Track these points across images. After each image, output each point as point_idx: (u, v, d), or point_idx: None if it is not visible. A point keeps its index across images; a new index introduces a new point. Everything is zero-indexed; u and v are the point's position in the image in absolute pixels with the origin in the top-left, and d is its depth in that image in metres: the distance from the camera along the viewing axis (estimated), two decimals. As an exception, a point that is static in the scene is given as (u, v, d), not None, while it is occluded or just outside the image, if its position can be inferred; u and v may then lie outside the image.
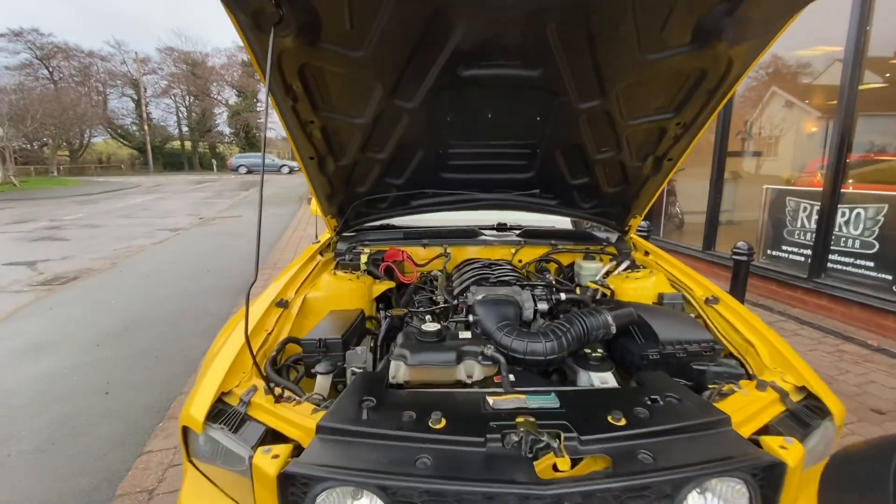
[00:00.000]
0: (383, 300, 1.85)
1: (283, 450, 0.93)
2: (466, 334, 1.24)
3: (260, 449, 0.94)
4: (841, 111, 3.95)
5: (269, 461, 0.90)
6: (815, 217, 4.56)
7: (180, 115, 37.00)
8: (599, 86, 1.48)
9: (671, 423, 0.97)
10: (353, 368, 1.24)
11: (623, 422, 0.96)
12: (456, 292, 1.59)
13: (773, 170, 5.63)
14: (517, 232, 2.25)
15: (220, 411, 1.08)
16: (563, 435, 0.91)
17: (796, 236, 4.73)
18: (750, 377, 1.26)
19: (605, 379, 1.18)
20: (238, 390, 1.12)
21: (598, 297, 1.78)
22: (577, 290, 1.76)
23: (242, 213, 11.29)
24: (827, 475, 0.68)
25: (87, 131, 32.06)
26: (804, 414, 1.07)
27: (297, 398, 1.08)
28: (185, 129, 37.26)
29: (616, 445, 0.91)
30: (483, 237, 2.22)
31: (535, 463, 0.87)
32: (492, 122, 1.68)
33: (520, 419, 0.96)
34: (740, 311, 1.48)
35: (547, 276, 1.83)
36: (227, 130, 39.15)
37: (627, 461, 0.87)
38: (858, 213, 4.19)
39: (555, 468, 0.87)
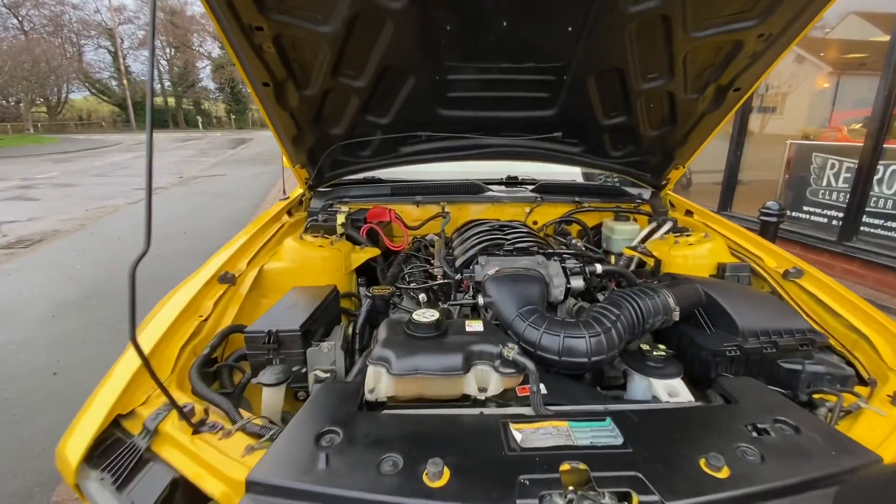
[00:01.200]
0: (365, 273, 1.46)
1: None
2: (476, 325, 0.87)
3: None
4: (890, 65, 3.46)
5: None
6: (843, 175, 4.18)
7: (161, 68, 35.03)
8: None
9: (798, 475, 0.62)
10: (318, 373, 0.88)
11: (725, 472, 0.61)
12: (459, 263, 1.21)
13: (784, 127, 5.25)
14: (531, 187, 1.84)
15: (110, 446, 0.72)
16: (637, 499, 0.57)
17: (821, 196, 4.36)
18: (863, 380, 0.92)
19: (674, 390, 0.83)
20: (144, 410, 0.77)
21: (634, 268, 1.42)
22: (612, 260, 1.39)
23: (228, 172, 10.71)
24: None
25: (63, 86, 30.36)
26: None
27: (226, 427, 0.72)
28: (167, 84, 35.45)
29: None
30: (490, 193, 1.81)
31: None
32: (506, 35, 1.24)
33: (564, 468, 0.61)
34: (836, 288, 1.12)
35: (572, 241, 1.45)
36: (211, 85, 37.31)
37: None
38: (894, 171, 3.80)
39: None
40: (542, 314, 0.92)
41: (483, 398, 0.78)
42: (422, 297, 1.11)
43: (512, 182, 1.89)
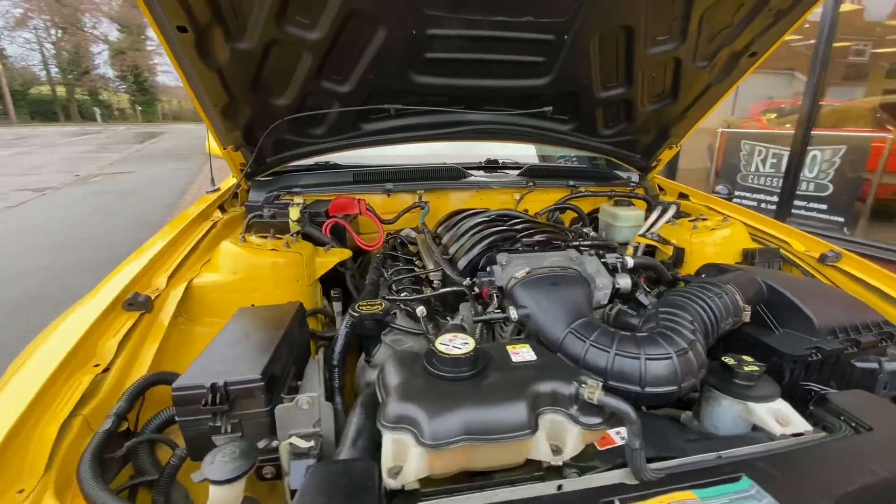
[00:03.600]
0: (328, 281, 1.14)
1: None
2: (524, 351, 0.62)
3: None
4: (817, 62, 3.69)
5: None
6: (770, 161, 4.46)
7: (45, 52, 30.54)
8: None
9: None
10: (295, 441, 0.58)
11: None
12: (462, 265, 0.94)
13: (710, 118, 5.60)
14: (515, 171, 1.61)
15: None
16: None
17: (751, 181, 4.63)
18: None
19: (784, 416, 0.63)
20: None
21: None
22: (630, 250, 1.20)
23: (136, 169, 9.47)
24: None
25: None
26: None
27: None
28: (54, 71, 30.97)
29: None
30: (473, 178, 1.55)
31: None
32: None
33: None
34: (881, 270, 1.01)
35: (583, 230, 1.23)
36: (110, 73, 33.22)
37: None
38: (815, 156, 4.10)
39: None
40: (606, 329, 0.68)
41: (560, 463, 0.53)
42: (420, 309, 0.84)
43: (492, 166, 1.65)
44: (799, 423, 0.63)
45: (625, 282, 0.88)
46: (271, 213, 1.21)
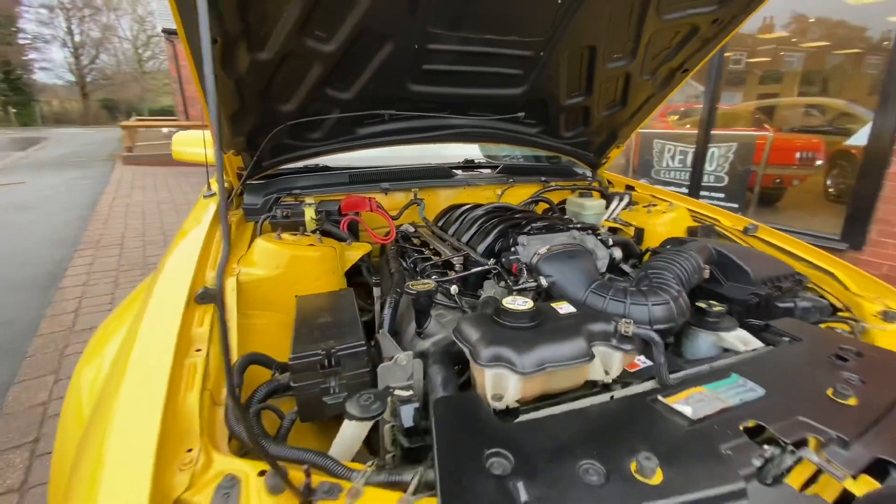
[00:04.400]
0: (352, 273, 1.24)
1: None
2: (565, 306, 0.80)
3: None
4: (713, 71, 4.33)
5: None
6: (678, 157, 5.11)
7: None
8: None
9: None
10: (398, 394, 0.70)
11: (854, 400, 0.67)
12: (481, 249, 1.10)
13: None
14: (492, 170, 1.80)
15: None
16: (816, 439, 0.58)
17: (663, 175, 5.27)
18: (835, 309, 1.11)
19: (746, 339, 0.87)
20: (194, 497, 0.51)
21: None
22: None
23: (26, 179, 8.36)
24: None
25: None
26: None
27: (343, 486, 0.52)
28: None
29: (872, 438, 0.61)
30: (461, 176, 1.71)
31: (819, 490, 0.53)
32: (496, 4, 1.17)
33: (750, 425, 0.60)
34: (788, 237, 1.34)
35: (563, 217, 1.45)
36: (-27, 70, 28.60)
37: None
38: (713, 152, 4.79)
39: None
40: (618, 287, 0.89)
41: (610, 381, 0.71)
42: (453, 288, 0.98)
43: (469, 165, 1.82)
44: (755, 342, 0.88)
45: (618, 253, 1.10)
46: (285, 214, 1.28)
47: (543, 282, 0.92)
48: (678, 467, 0.53)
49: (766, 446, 0.58)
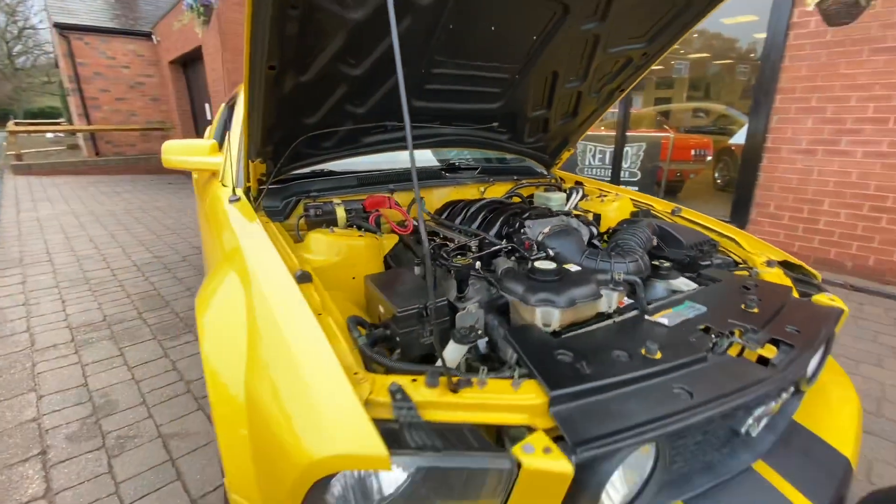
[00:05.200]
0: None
1: (537, 439, 0.69)
2: (574, 267, 1.13)
3: (517, 448, 0.67)
4: None
5: (549, 458, 0.65)
6: (598, 156, 5.79)
7: None
8: (606, 7, 1.47)
9: (781, 299, 1.13)
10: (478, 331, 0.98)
11: (757, 309, 1.07)
12: (493, 233, 1.41)
13: None
14: (476, 171, 2.10)
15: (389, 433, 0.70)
16: (740, 330, 0.96)
17: (586, 172, 5.93)
18: (737, 265, 1.56)
19: (688, 283, 1.27)
20: (378, 398, 0.75)
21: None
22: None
23: None
24: None
25: None
26: (807, 278, 1.41)
27: (473, 380, 0.79)
28: None
29: (769, 328, 1.01)
30: (451, 177, 1.99)
31: (751, 354, 0.91)
32: (488, 38, 1.48)
33: (702, 327, 0.97)
34: (701, 215, 1.80)
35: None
36: None
37: (786, 336, 0.98)
38: (627, 151, 5.53)
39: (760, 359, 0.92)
40: (603, 252, 1.24)
41: (611, 311, 1.05)
42: (477, 263, 1.27)
43: (453, 167, 2.11)
44: (693, 284, 1.27)
45: (595, 230, 1.46)
46: (317, 213, 1.48)
47: (551, 252, 1.25)
48: (668, 349, 0.88)
49: (713, 336, 0.94)
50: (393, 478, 0.71)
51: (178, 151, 1.97)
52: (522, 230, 1.36)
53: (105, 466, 1.66)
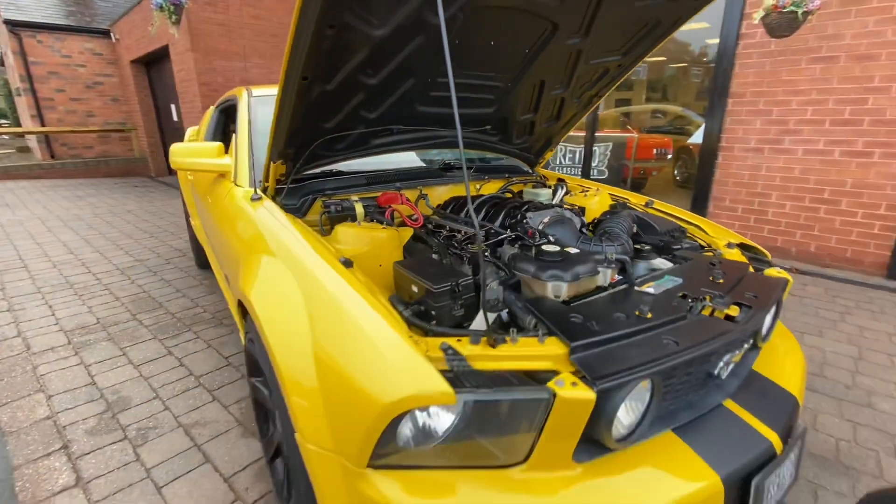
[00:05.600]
0: None
1: (566, 377, 0.88)
2: (573, 249, 1.33)
3: (551, 383, 0.86)
4: None
5: (576, 390, 0.85)
6: (569, 155, 6.09)
7: None
8: (589, 25, 1.68)
9: (740, 273, 1.37)
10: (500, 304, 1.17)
11: (723, 280, 1.30)
12: (498, 223, 1.60)
13: None
14: (471, 170, 2.29)
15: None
16: (710, 296, 1.19)
17: (558, 170, 6.23)
18: (702, 248, 1.82)
19: (665, 262, 1.50)
20: (433, 354, 0.92)
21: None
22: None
23: None
24: None
25: None
26: (759, 256, 1.68)
27: (507, 338, 0.97)
28: None
29: (733, 293, 1.24)
30: (449, 175, 2.17)
31: (720, 313, 1.13)
32: (487, 51, 1.67)
33: (680, 294, 1.19)
34: (671, 206, 2.05)
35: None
36: None
37: (745, 300, 1.21)
38: (595, 151, 5.86)
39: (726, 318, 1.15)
40: (595, 238, 1.45)
41: (606, 285, 1.26)
42: (483, 248, 1.45)
43: (449, 167, 2.28)
44: (669, 263, 1.50)
45: (584, 219, 1.67)
46: (337, 209, 1.62)
47: (551, 239, 1.45)
48: (656, 311, 1.09)
49: (690, 300, 1.16)
50: (446, 418, 0.88)
51: (186, 154, 2.05)
52: (525, 220, 1.55)
53: (132, 455, 1.74)
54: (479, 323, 1.14)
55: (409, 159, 2.38)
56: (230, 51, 7.26)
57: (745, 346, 1.18)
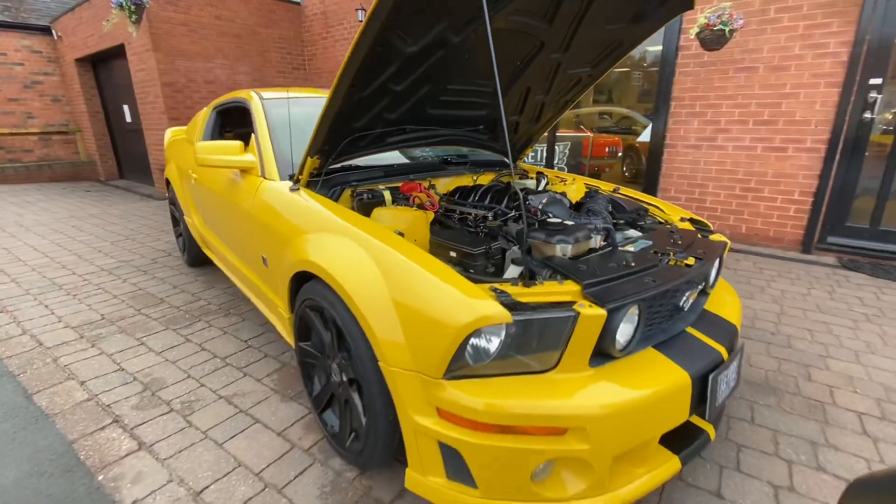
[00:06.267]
0: None
1: (584, 302, 1.24)
2: (571, 222, 1.70)
3: (575, 306, 1.21)
4: None
5: (592, 310, 1.20)
6: (532, 153, 6.56)
7: None
8: (569, 43, 2.07)
9: (692, 237, 1.80)
10: (513, 258, 1.51)
11: (680, 242, 1.72)
12: (503, 206, 1.96)
13: None
14: (467, 164, 2.63)
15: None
16: (673, 252, 1.60)
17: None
18: (661, 223, 2.25)
19: (636, 232, 1.90)
20: (485, 294, 1.24)
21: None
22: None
23: None
24: (849, 496, 0.67)
25: None
26: (704, 227, 2.13)
27: (536, 283, 1.32)
28: None
29: (689, 251, 1.66)
30: (452, 168, 2.49)
31: (685, 263, 1.54)
32: (487, 63, 2.01)
33: (652, 251, 1.58)
34: (634, 191, 2.49)
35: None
36: None
37: (698, 254, 1.63)
38: (556, 149, 6.36)
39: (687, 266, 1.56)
40: (583, 213, 1.82)
41: (597, 248, 1.64)
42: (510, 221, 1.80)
43: (450, 162, 2.61)
44: (639, 233, 1.91)
45: (571, 201, 2.06)
46: (368, 197, 1.91)
47: (550, 215, 1.81)
48: (637, 262, 1.47)
49: (660, 255, 1.56)
50: (496, 341, 1.21)
51: (212, 151, 2.24)
52: (527, 202, 1.91)
53: (184, 423, 1.93)
54: (508, 276, 1.48)
55: (403, 155, 2.69)
56: (193, 51, 7.18)
57: (699, 286, 1.60)
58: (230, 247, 2.67)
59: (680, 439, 1.43)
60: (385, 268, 1.35)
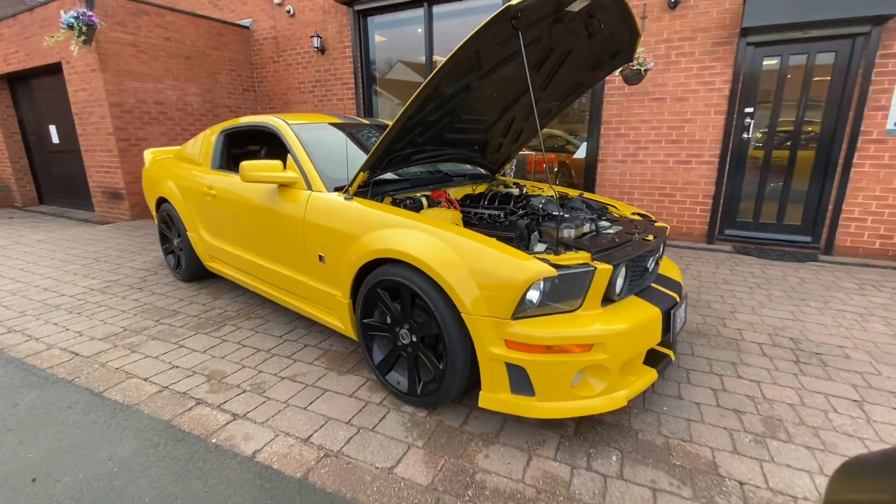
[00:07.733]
0: None
1: (596, 263, 1.87)
2: (567, 212, 2.35)
3: (592, 263, 1.83)
4: None
5: (603, 265, 1.84)
6: (483, 170, 7.29)
7: None
8: (547, 84, 2.76)
9: (646, 224, 2.53)
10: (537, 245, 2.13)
11: (639, 227, 2.44)
12: (512, 207, 2.57)
13: None
14: (466, 177, 3.22)
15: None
16: (638, 233, 2.31)
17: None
18: (619, 218, 2.99)
19: (607, 223, 2.61)
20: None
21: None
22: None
23: None
24: (839, 476, 0.66)
25: None
26: (648, 219, 2.90)
27: (559, 251, 1.93)
28: None
29: (646, 232, 2.38)
30: (458, 180, 3.06)
31: (647, 239, 2.25)
32: (490, 100, 2.64)
33: (625, 232, 2.29)
34: (595, 195, 3.23)
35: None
36: None
37: (652, 234, 2.36)
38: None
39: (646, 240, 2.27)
40: (571, 210, 2.49)
41: (589, 233, 2.30)
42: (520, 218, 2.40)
43: (452, 176, 3.18)
44: (609, 223, 2.62)
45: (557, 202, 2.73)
46: (410, 203, 2.42)
47: (552, 211, 2.45)
48: (620, 239, 2.15)
49: (630, 234, 2.26)
50: (539, 293, 1.80)
51: (258, 169, 2.60)
52: (529, 203, 2.54)
53: (262, 399, 2.27)
54: (540, 247, 2.08)
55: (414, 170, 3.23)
56: (142, 72, 7.10)
57: (657, 255, 2.32)
58: (263, 253, 2.99)
59: (654, 361, 2.11)
60: (457, 248, 1.89)
